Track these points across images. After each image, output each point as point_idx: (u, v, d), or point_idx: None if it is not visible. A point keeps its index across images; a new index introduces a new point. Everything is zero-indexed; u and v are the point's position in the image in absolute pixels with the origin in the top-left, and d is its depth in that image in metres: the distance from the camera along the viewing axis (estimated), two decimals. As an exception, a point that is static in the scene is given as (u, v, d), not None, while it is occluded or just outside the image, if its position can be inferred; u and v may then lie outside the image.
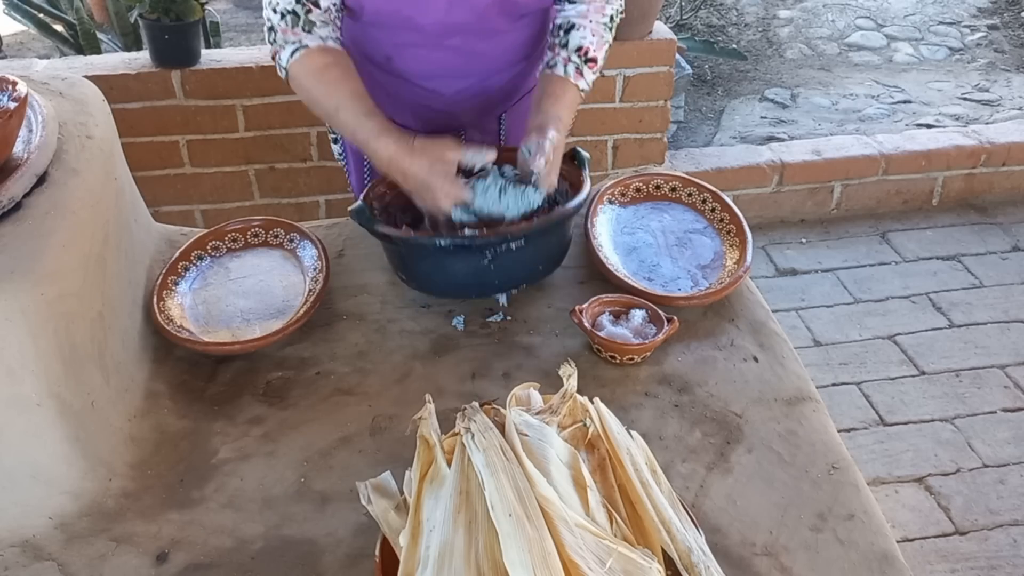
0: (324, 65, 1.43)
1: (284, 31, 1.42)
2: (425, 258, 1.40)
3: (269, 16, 1.43)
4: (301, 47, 1.42)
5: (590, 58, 1.49)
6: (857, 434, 2.41)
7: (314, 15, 1.41)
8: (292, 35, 1.42)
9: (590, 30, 1.49)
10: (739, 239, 1.53)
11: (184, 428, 1.26)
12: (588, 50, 1.49)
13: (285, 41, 1.42)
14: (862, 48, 4.63)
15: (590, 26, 1.49)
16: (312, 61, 1.43)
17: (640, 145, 3.05)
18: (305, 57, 1.42)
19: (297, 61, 1.42)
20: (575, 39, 1.49)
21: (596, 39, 1.49)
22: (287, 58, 1.43)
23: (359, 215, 1.38)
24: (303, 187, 2.91)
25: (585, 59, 1.49)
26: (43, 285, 1.06)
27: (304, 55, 1.42)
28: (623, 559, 0.85)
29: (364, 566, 1.06)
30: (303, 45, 1.42)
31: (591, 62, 1.49)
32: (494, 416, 0.96)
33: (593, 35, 1.49)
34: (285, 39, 1.42)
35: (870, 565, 1.07)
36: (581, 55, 1.48)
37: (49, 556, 1.08)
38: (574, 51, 1.48)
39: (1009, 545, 2.10)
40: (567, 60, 1.49)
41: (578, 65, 1.48)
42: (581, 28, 1.49)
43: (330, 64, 1.43)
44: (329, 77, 1.43)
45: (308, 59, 1.42)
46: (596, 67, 1.51)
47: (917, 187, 3.37)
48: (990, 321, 2.82)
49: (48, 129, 1.22)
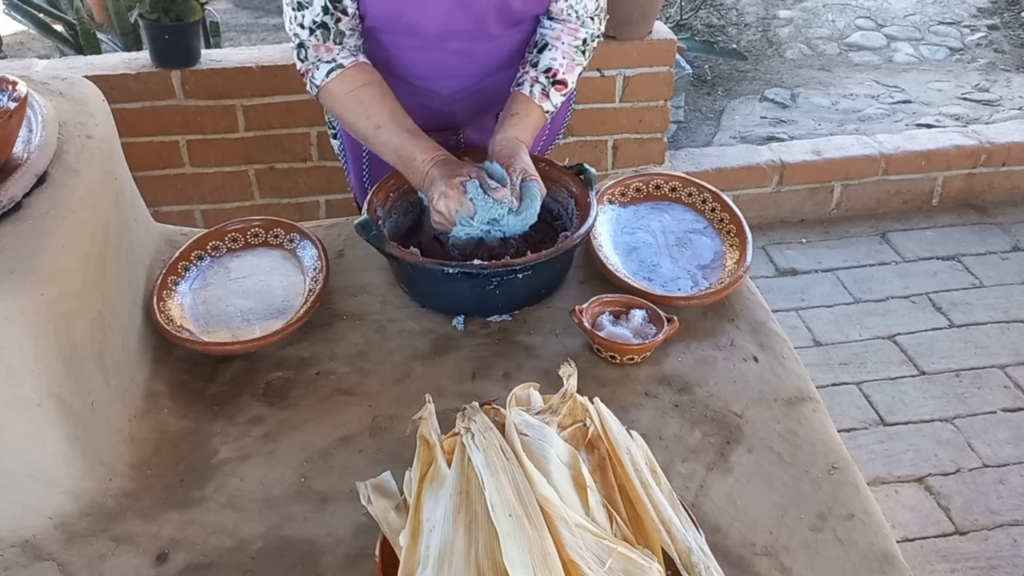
0: (362, 84, 1.44)
1: (316, 47, 1.41)
2: (431, 280, 1.40)
3: (296, 32, 1.42)
4: (337, 67, 1.42)
5: (558, 80, 1.49)
6: (857, 434, 2.41)
7: (344, 24, 1.41)
8: (325, 52, 1.42)
9: (561, 52, 1.49)
10: (739, 239, 1.53)
11: (184, 428, 1.26)
12: (557, 72, 1.49)
13: (319, 59, 1.42)
14: (862, 48, 4.63)
15: (562, 48, 1.49)
16: (349, 81, 1.43)
17: (640, 145, 3.05)
18: (342, 77, 1.43)
19: (334, 81, 1.43)
20: (545, 59, 1.49)
21: (566, 61, 1.50)
22: (321, 77, 1.43)
23: (365, 230, 1.38)
24: (303, 187, 2.91)
25: (553, 80, 1.49)
26: (43, 285, 1.06)
27: (341, 74, 1.43)
28: (623, 559, 0.85)
29: (364, 566, 1.06)
30: (338, 64, 1.42)
31: (559, 84, 1.49)
32: (494, 416, 0.96)
33: (564, 57, 1.49)
34: (319, 57, 1.42)
35: (870, 565, 1.07)
36: (549, 76, 1.49)
37: (49, 556, 1.08)
38: (543, 72, 1.49)
39: (1009, 545, 2.10)
40: (535, 80, 1.49)
41: (544, 87, 1.49)
42: (553, 49, 1.49)
43: (368, 83, 1.44)
44: (367, 97, 1.44)
45: (345, 80, 1.43)
46: (565, 89, 1.51)
47: (917, 187, 3.37)
48: (990, 321, 2.82)
49: (48, 129, 1.22)
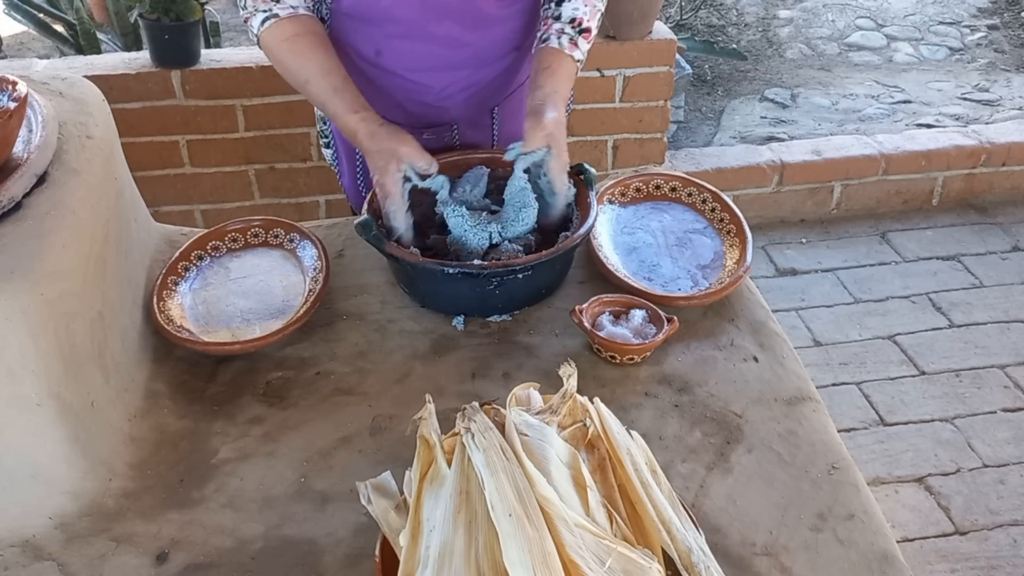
0: (294, 34, 1.44)
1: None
2: (431, 280, 1.40)
3: None
4: (271, 16, 1.43)
5: (584, 28, 1.49)
6: (857, 434, 2.41)
7: None
8: (262, 2, 1.43)
9: (582, 0, 1.49)
10: (739, 239, 1.52)
11: (184, 428, 1.26)
12: (581, 21, 1.48)
13: (255, 8, 1.43)
14: (862, 48, 4.63)
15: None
16: (282, 31, 1.44)
17: (640, 145, 3.05)
18: (276, 27, 1.43)
19: (268, 30, 1.44)
20: (567, 11, 1.49)
21: (589, 9, 1.49)
22: (257, 26, 1.44)
23: (365, 229, 1.37)
24: (303, 187, 2.91)
25: (579, 30, 1.48)
26: (43, 285, 1.06)
27: (274, 24, 1.43)
28: (623, 559, 0.85)
29: (364, 566, 1.06)
30: (273, 14, 1.43)
31: (585, 32, 1.49)
32: (494, 416, 0.96)
33: (585, 5, 1.49)
34: (255, 6, 1.43)
35: (870, 565, 1.07)
36: (575, 26, 1.48)
37: (49, 556, 1.08)
38: (567, 23, 1.48)
39: (1009, 545, 2.10)
40: (560, 32, 1.48)
41: (572, 36, 1.48)
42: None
43: (300, 34, 1.44)
44: (298, 48, 1.44)
45: (278, 28, 1.44)
46: (590, 36, 1.50)
47: (917, 187, 3.37)
48: (990, 321, 2.82)
49: (48, 129, 1.22)
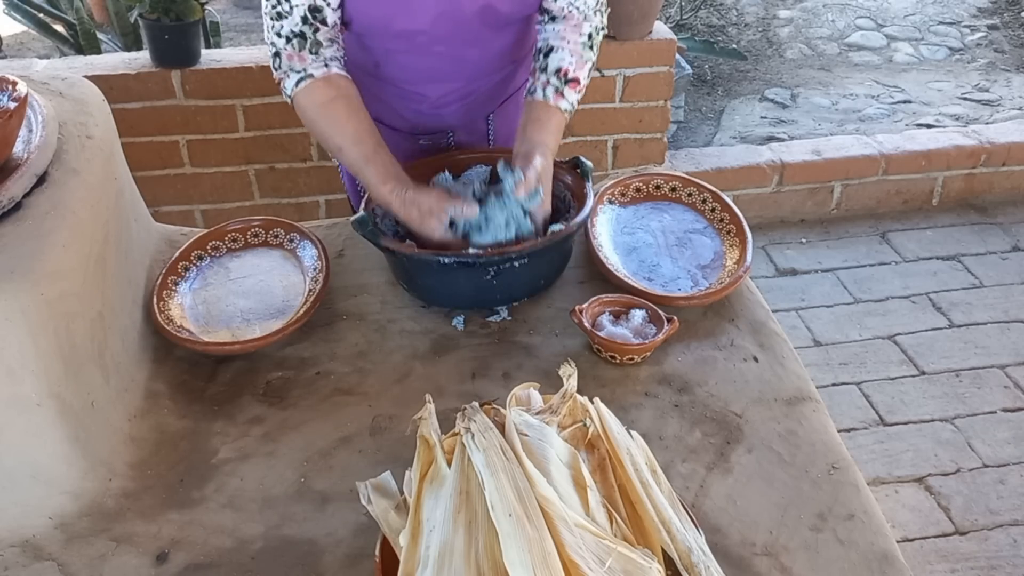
0: (329, 99, 1.42)
1: (290, 56, 1.40)
2: (428, 272, 1.40)
3: (273, 41, 1.41)
4: (306, 77, 1.41)
5: (571, 79, 1.48)
6: (857, 434, 2.41)
7: (322, 34, 1.40)
8: (298, 62, 1.41)
9: (568, 51, 1.48)
10: (739, 239, 1.52)
11: (184, 428, 1.26)
12: (567, 71, 1.48)
13: (290, 69, 1.41)
14: (862, 48, 4.63)
15: (568, 47, 1.48)
16: (317, 94, 1.42)
17: (640, 145, 3.05)
18: (309, 89, 1.41)
19: (301, 92, 1.42)
20: (554, 61, 1.49)
21: (575, 59, 1.49)
22: (291, 87, 1.42)
23: (361, 226, 1.38)
24: (303, 187, 2.91)
25: (565, 80, 1.48)
26: (43, 285, 1.06)
27: (309, 86, 1.41)
28: (623, 559, 0.85)
29: (364, 566, 1.06)
30: (308, 75, 1.41)
31: (572, 82, 1.48)
32: (494, 416, 0.96)
33: (572, 55, 1.48)
34: (290, 66, 1.41)
35: (870, 565, 1.07)
36: (560, 77, 1.48)
37: (49, 556, 1.08)
38: (553, 74, 1.48)
39: (1009, 545, 2.10)
40: (546, 83, 1.48)
41: (557, 87, 1.48)
42: (560, 50, 1.49)
43: (335, 98, 1.43)
44: (332, 113, 1.43)
45: (313, 91, 1.42)
46: (579, 86, 1.50)
47: (917, 187, 3.37)
48: (990, 321, 2.82)
49: (48, 129, 1.22)
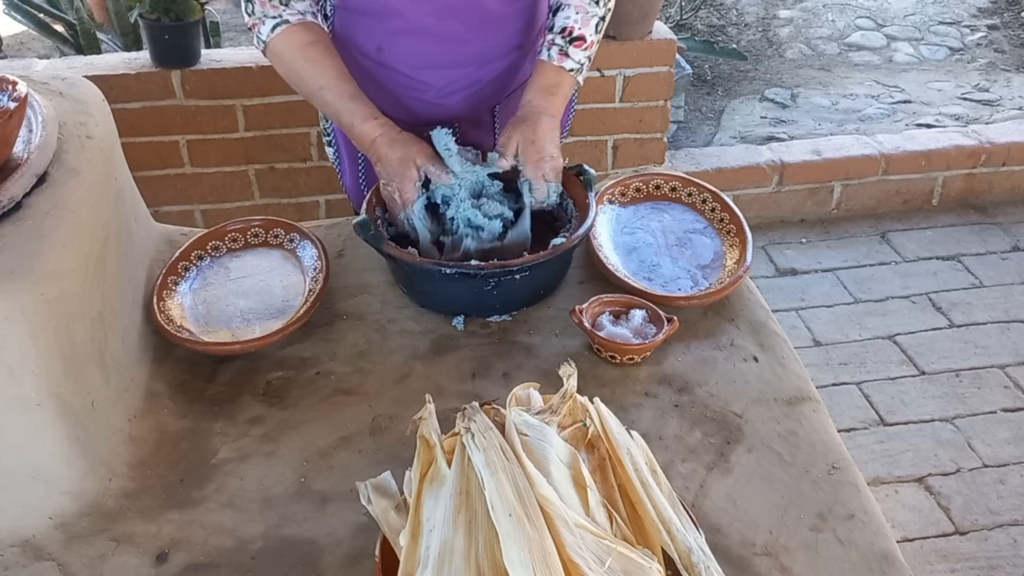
0: (308, 42, 1.43)
1: (262, 3, 1.42)
2: (428, 280, 1.40)
3: None
4: (282, 22, 1.42)
5: (575, 37, 1.48)
6: (857, 434, 2.41)
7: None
8: (271, 8, 1.42)
9: (574, 8, 1.49)
10: (739, 239, 1.52)
11: (184, 428, 1.26)
12: (572, 30, 1.48)
13: (264, 14, 1.42)
14: (862, 48, 4.63)
15: (574, 3, 1.48)
16: (295, 37, 1.43)
17: (640, 145, 3.05)
18: (287, 33, 1.43)
19: (278, 36, 1.43)
20: (560, 20, 1.49)
21: (580, 16, 1.48)
22: (267, 32, 1.43)
23: (363, 229, 1.38)
24: (303, 187, 2.91)
25: (570, 39, 1.48)
26: (43, 285, 1.06)
27: (286, 30, 1.42)
28: (623, 559, 0.85)
29: (364, 566, 1.06)
30: (284, 20, 1.42)
31: (577, 40, 1.48)
32: (494, 416, 0.96)
33: (577, 12, 1.48)
34: (264, 12, 1.42)
35: (870, 565, 1.07)
36: (565, 36, 1.48)
37: (49, 556, 1.08)
38: (558, 33, 1.48)
39: (1009, 545, 2.10)
40: (551, 43, 1.49)
41: (562, 47, 1.48)
42: (566, 8, 1.49)
43: (314, 41, 1.44)
44: (313, 55, 1.43)
45: (290, 35, 1.43)
46: (584, 44, 1.49)
47: (917, 187, 3.37)
48: (990, 321, 2.82)
49: (48, 129, 1.22)
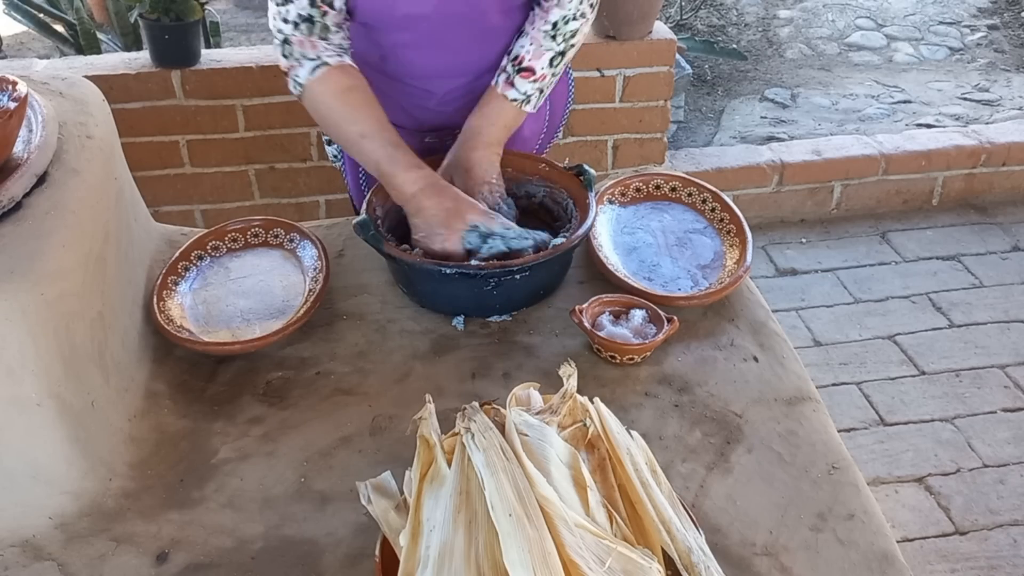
0: (348, 87, 1.40)
1: (300, 43, 1.38)
2: (429, 280, 1.40)
3: (280, 28, 1.39)
4: (321, 64, 1.38)
5: (524, 67, 1.46)
6: (857, 434, 2.41)
7: (329, 18, 1.38)
8: (310, 48, 1.38)
9: (530, 38, 1.46)
10: (739, 239, 1.52)
11: (184, 428, 1.26)
12: (522, 59, 1.46)
13: (303, 56, 1.39)
14: (862, 48, 4.63)
15: (531, 34, 1.47)
16: (334, 82, 1.39)
17: (640, 145, 3.05)
18: (326, 76, 1.39)
19: (318, 80, 1.39)
20: (515, 47, 1.47)
21: (533, 47, 1.46)
22: (306, 75, 1.39)
23: (363, 229, 1.37)
24: (303, 187, 2.91)
25: (518, 68, 1.46)
26: (43, 285, 1.06)
27: (325, 74, 1.39)
28: (623, 559, 0.85)
29: (364, 566, 1.06)
30: (323, 62, 1.39)
31: (525, 71, 1.46)
32: (494, 416, 0.96)
33: (531, 43, 1.46)
34: (303, 53, 1.38)
35: (870, 565, 1.07)
36: (515, 64, 1.46)
37: (49, 556, 1.08)
38: (511, 60, 1.47)
39: (1009, 545, 2.10)
40: (502, 68, 1.47)
41: (509, 75, 1.46)
42: (523, 36, 1.48)
43: (353, 87, 1.40)
44: (353, 101, 1.40)
45: (330, 79, 1.39)
46: (534, 76, 1.47)
47: (917, 187, 3.37)
48: (990, 321, 2.82)
49: (48, 129, 1.22)
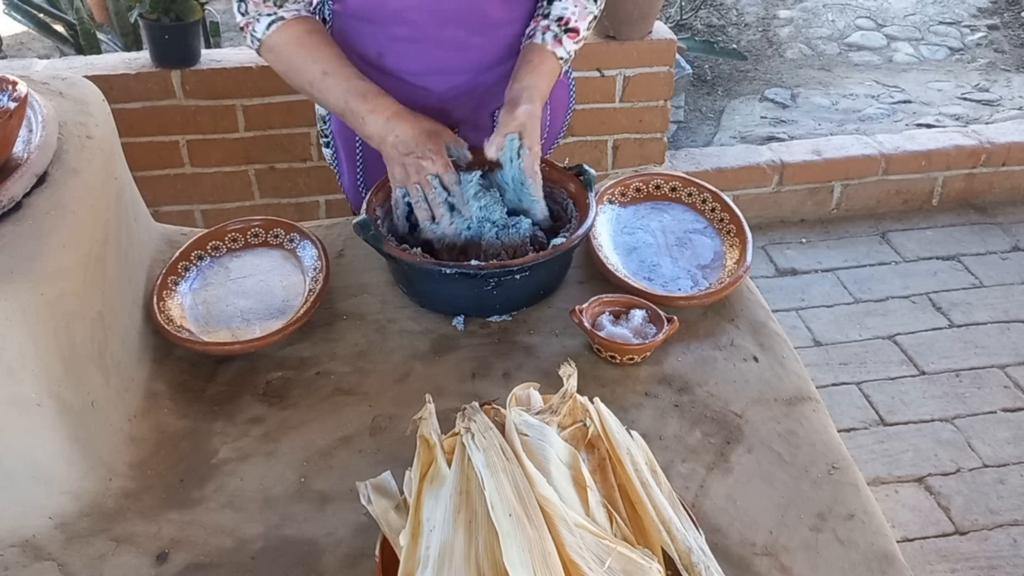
0: (306, 31, 1.43)
1: (256, 3, 1.42)
2: (429, 280, 1.40)
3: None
4: (278, 19, 1.42)
5: (571, 28, 1.48)
6: (857, 434, 2.41)
7: None
8: (265, 7, 1.42)
9: (572, 0, 1.49)
10: (739, 239, 1.52)
11: (184, 428, 1.26)
12: (569, 20, 1.48)
13: (259, 13, 1.43)
14: (862, 48, 4.63)
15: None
16: (292, 29, 1.43)
17: (640, 145, 3.05)
18: (284, 27, 1.43)
19: (275, 32, 1.43)
20: (557, 9, 1.49)
21: (578, 9, 1.49)
22: (263, 30, 1.43)
23: (363, 229, 1.38)
24: (303, 187, 2.91)
25: (565, 28, 1.48)
26: (43, 285, 1.06)
27: (282, 25, 1.43)
28: (623, 559, 0.85)
29: (364, 566, 1.06)
30: (279, 17, 1.42)
31: (571, 32, 1.49)
32: (494, 416, 0.96)
33: (575, 5, 1.49)
34: (258, 11, 1.42)
35: (870, 565, 1.07)
36: (561, 24, 1.48)
37: (49, 556, 1.08)
38: (555, 21, 1.49)
39: (1009, 545, 2.10)
40: (546, 28, 1.48)
41: (557, 33, 1.48)
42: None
43: (311, 31, 1.44)
44: (312, 43, 1.43)
45: (287, 28, 1.43)
46: (578, 37, 1.50)
47: (917, 187, 3.37)
48: (990, 321, 2.82)
49: (48, 129, 1.22)
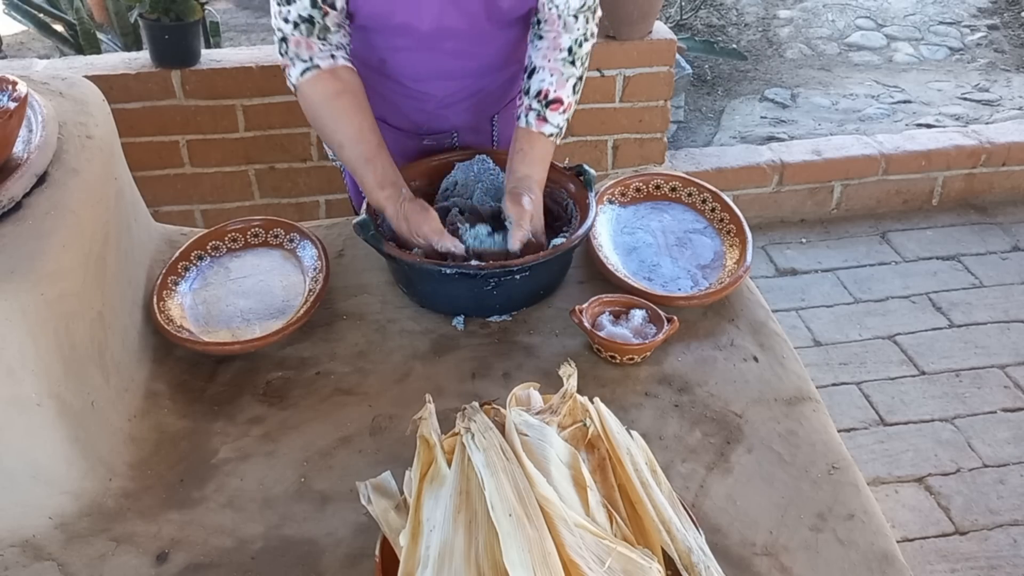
0: (335, 93, 1.42)
1: (297, 43, 1.40)
2: (429, 280, 1.41)
3: (280, 27, 1.40)
4: (312, 67, 1.41)
5: (552, 100, 1.47)
6: (857, 434, 2.41)
7: (330, 18, 1.39)
8: (305, 49, 1.40)
9: (548, 70, 1.47)
10: (739, 239, 1.53)
11: (184, 428, 1.26)
12: (547, 92, 1.47)
13: (296, 56, 1.41)
14: (862, 48, 4.63)
15: (548, 66, 1.47)
16: (323, 87, 1.42)
17: (640, 145, 3.05)
18: (316, 80, 1.41)
19: (307, 83, 1.42)
20: (535, 84, 1.48)
21: (555, 78, 1.47)
22: (296, 76, 1.42)
23: (363, 229, 1.38)
24: (303, 187, 2.91)
25: (547, 103, 1.47)
26: (43, 285, 1.06)
27: (315, 78, 1.41)
28: (623, 559, 0.85)
29: (364, 566, 1.06)
30: (314, 65, 1.41)
31: (554, 104, 1.47)
32: (494, 416, 0.96)
33: (552, 75, 1.47)
34: (297, 53, 1.40)
35: (870, 565, 1.07)
36: (541, 99, 1.47)
37: (49, 556, 1.08)
38: (534, 97, 1.48)
39: (1009, 545, 2.10)
40: (528, 109, 1.48)
41: (539, 111, 1.47)
42: (540, 71, 1.48)
43: (340, 92, 1.42)
44: (337, 109, 1.42)
45: (318, 84, 1.41)
46: (562, 107, 1.48)
47: (917, 187, 3.37)
48: (990, 321, 2.82)
49: (48, 129, 1.22)
